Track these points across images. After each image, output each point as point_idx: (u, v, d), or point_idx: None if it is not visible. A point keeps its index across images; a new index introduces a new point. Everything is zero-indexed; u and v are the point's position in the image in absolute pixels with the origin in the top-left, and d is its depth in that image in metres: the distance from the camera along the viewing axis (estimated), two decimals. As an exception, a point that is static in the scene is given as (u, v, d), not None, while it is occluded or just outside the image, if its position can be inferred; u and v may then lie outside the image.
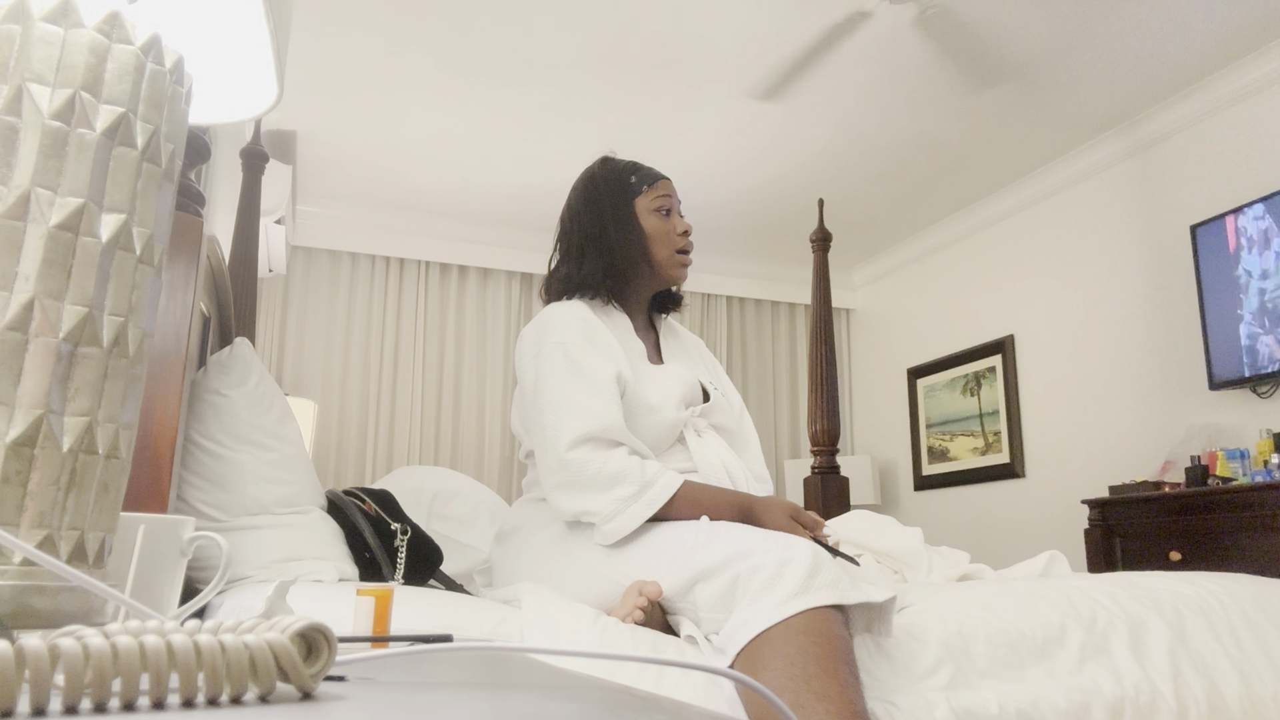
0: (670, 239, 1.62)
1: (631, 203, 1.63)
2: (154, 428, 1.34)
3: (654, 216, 1.62)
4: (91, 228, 0.56)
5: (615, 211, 1.62)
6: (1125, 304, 3.91)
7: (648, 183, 1.64)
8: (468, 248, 4.94)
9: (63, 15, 0.57)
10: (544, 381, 1.45)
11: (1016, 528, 4.37)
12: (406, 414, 4.69)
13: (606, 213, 1.62)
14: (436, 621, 1.17)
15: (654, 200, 1.63)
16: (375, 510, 1.79)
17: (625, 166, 1.67)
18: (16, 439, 0.52)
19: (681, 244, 1.63)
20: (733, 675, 0.45)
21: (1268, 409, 3.26)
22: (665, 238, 1.62)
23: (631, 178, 1.64)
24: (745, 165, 4.27)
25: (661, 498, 1.33)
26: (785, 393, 5.55)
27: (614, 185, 1.64)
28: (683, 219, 1.65)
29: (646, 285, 1.66)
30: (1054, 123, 3.88)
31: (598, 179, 1.66)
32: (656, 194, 1.63)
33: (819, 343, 3.17)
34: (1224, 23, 3.17)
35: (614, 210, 1.62)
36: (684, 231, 1.63)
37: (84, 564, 0.56)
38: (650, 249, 1.62)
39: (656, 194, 1.63)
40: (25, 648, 0.29)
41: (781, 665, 1.02)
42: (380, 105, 3.73)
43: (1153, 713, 1.30)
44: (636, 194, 1.63)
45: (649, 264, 1.63)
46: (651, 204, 1.62)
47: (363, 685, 0.42)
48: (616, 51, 3.36)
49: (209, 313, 1.95)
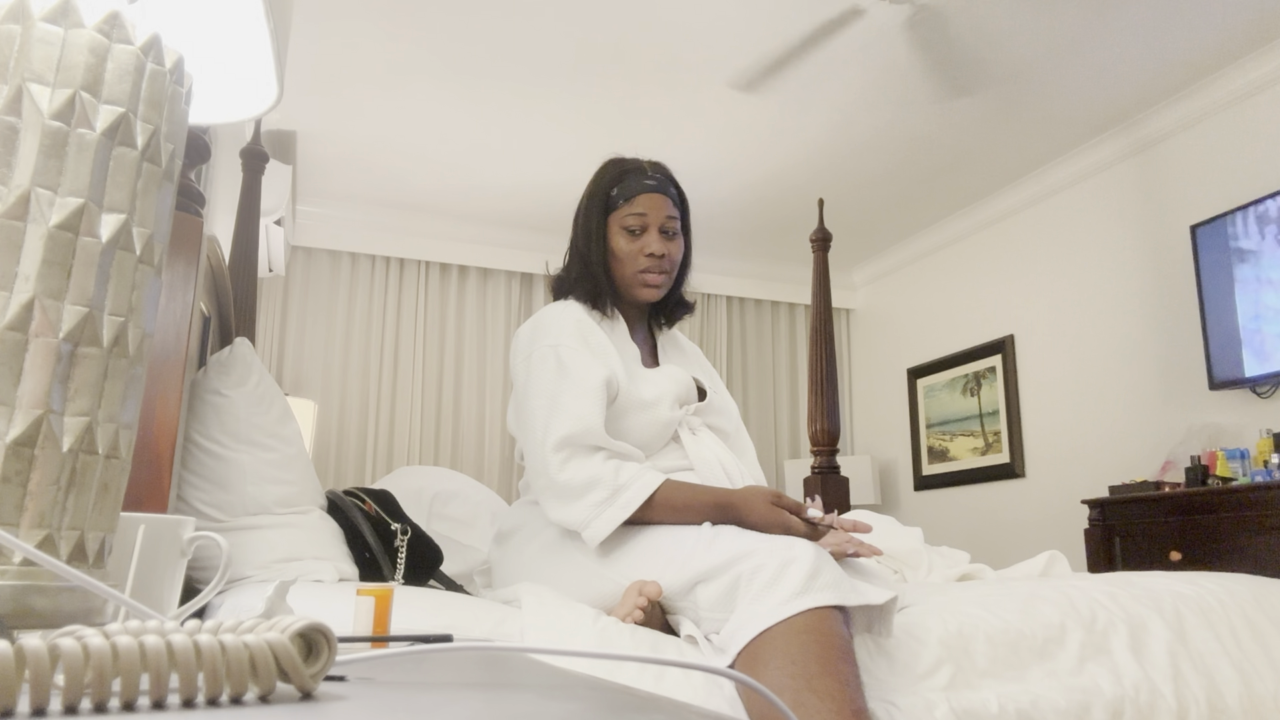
0: (634, 259, 1.56)
1: (605, 217, 1.59)
2: (154, 428, 1.34)
3: (622, 235, 1.57)
4: (91, 228, 0.56)
5: (590, 223, 1.60)
6: (1125, 304, 3.91)
7: (625, 198, 1.58)
8: (468, 248, 4.94)
9: (63, 15, 0.57)
10: (533, 383, 1.46)
11: (1016, 528, 4.37)
12: (406, 414, 4.69)
13: (592, 222, 1.60)
14: (436, 621, 1.17)
15: (626, 218, 1.57)
16: (375, 510, 1.79)
17: (616, 175, 1.61)
18: (16, 439, 0.52)
19: (645, 265, 1.56)
20: (733, 675, 0.45)
21: (1268, 409, 3.26)
22: (630, 258, 1.57)
23: (613, 190, 1.59)
24: (746, 165, 4.27)
25: (636, 500, 1.33)
26: (785, 393, 5.55)
27: (597, 195, 1.61)
28: (662, 238, 1.57)
29: (619, 298, 1.63)
30: (1054, 122, 3.88)
31: (594, 185, 1.64)
32: (630, 210, 1.57)
33: (819, 343, 3.17)
34: (1224, 23, 3.17)
35: (588, 221, 1.60)
36: (651, 253, 1.56)
37: (84, 564, 0.56)
38: (612, 267, 1.59)
39: (630, 210, 1.57)
40: (25, 648, 0.29)
41: (782, 664, 1.02)
42: (380, 105, 3.73)
43: (1153, 713, 1.30)
44: (613, 209, 1.59)
45: (614, 281, 1.60)
46: (623, 221, 1.57)
47: (363, 685, 0.42)
48: (616, 51, 3.36)
49: (209, 313, 1.95)
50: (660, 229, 1.58)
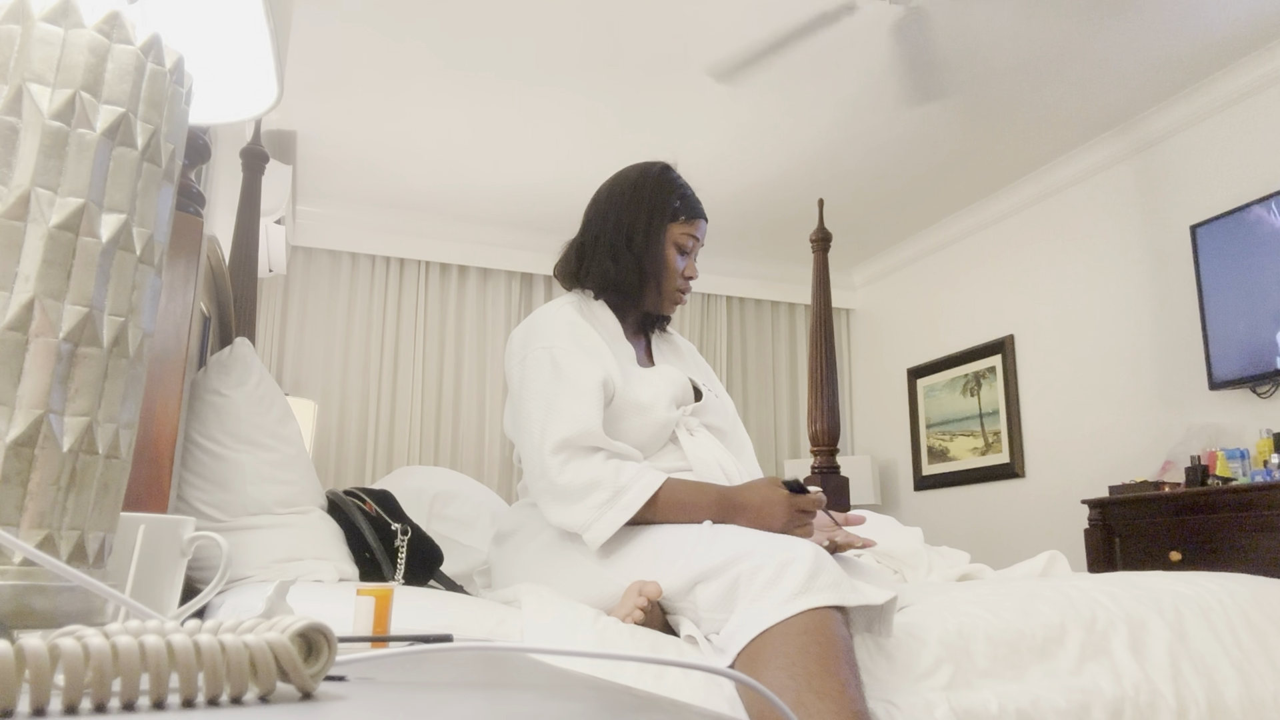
0: (676, 276, 1.64)
1: (665, 224, 1.63)
2: (154, 428, 1.34)
3: (674, 249, 1.63)
4: (91, 228, 0.56)
5: (649, 223, 1.61)
6: (1125, 304, 3.91)
7: (687, 214, 1.64)
8: (468, 248, 4.94)
9: (63, 15, 0.57)
10: (529, 386, 1.46)
11: (1016, 528, 4.37)
12: (406, 414, 4.69)
13: (640, 220, 1.61)
14: (436, 621, 1.17)
15: (683, 234, 1.63)
16: (375, 510, 1.79)
17: (678, 188, 1.66)
18: (16, 439, 0.52)
19: (683, 285, 1.65)
20: (732, 675, 0.45)
21: (1268, 409, 3.26)
22: (674, 273, 1.63)
23: (677, 201, 1.64)
24: (745, 165, 4.26)
25: (638, 501, 1.34)
26: (785, 393, 5.55)
27: (658, 199, 1.63)
28: (695, 265, 1.67)
29: (645, 301, 1.66)
30: (1054, 123, 3.87)
31: (649, 184, 1.65)
32: (688, 229, 1.64)
33: (819, 343, 3.17)
34: (1224, 23, 3.17)
35: (648, 222, 1.62)
36: (689, 275, 1.65)
37: (84, 564, 0.56)
38: (661, 274, 1.63)
39: (688, 229, 1.64)
40: (25, 648, 0.29)
41: (782, 664, 1.02)
42: (380, 105, 3.72)
43: (1153, 713, 1.30)
44: (674, 219, 1.63)
45: (654, 286, 1.63)
46: (679, 236, 1.63)
47: (363, 685, 0.42)
48: (617, 51, 3.35)
49: (209, 313, 1.95)
50: (696, 256, 1.68)
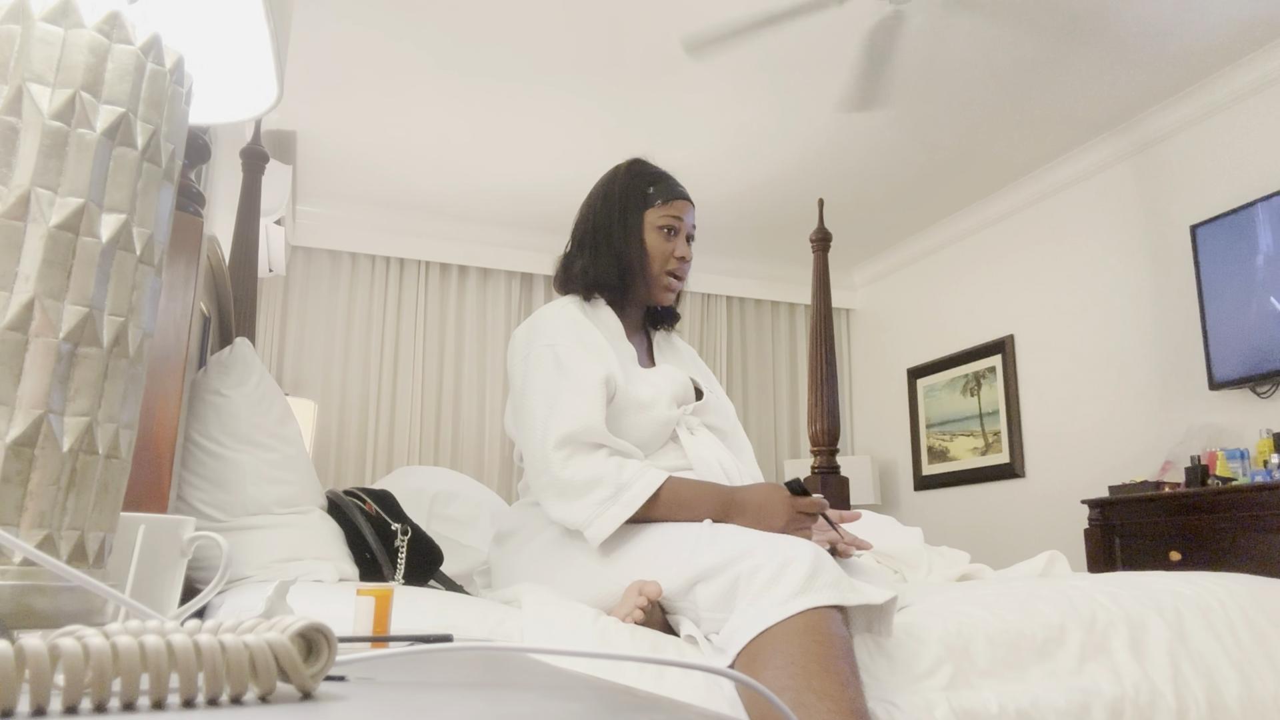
0: (665, 259, 1.62)
1: (641, 212, 1.63)
2: (154, 428, 1.34)
3: (657, 233, 1.62)
4: (91, 228, 0.56)
5: (624, 215, 1.62)
6: (1125, 304, 3.91)
7: (663, 198, 1.63)
8: (468, 248, 4.94)
9: (63, 15, 0.57)
10: (531, 383, 1.46)
11: (1016, 528, 4.37)
12: (406, 414, 4.69)
13: (615, 213, 1.63)
14: (436, 621, 1.17)
15: (662, 217, 1.62)
16: (375, 510, 1.79)
17: (650, 175, 1.66)
18: (16, 439, 0.52)
19: (673, 267, 1.63)
20: (732, 675, 0.45)
21: (1268, 409, 3.26)
22: (661, 257, 1.62)
23: (650, 188, 1.64)
24: (746, 165, 4.27)
25: (640, 498, 1.34)
26: (785, 393, 5.55)
27: (631, 189, 1.64)
28: (688, 245, 1.65)
29: (636, 295, 1.66)
30: (1054, 123, 3.87)
31: (620, 178, 1.67)
32: (667, 211, 1.62)
33: (819, 343, 3.17)
34: (1224, 23, 3.17)
35: (623, 214, 1.63)
36: (680, 256, 1.63)
37: (84, 564, 0.56)
38: (644, 262, 1.62)
39: (667, 211, 1.62)
40: (25, 648, 0.29)
41: (782, 664, 1.02)
42: (380, 105, 3.72)
43: (1153, 713, 1.30)
44: (649, 205, 1.63)
45: (640, 276, 1.63)
46: (659, 220, 1.62)
47: (363, 685, 0.42)
48: (617, 51, 3.35)
49: (209, 313, 1.95)
50: (687, 235, 1.65)
